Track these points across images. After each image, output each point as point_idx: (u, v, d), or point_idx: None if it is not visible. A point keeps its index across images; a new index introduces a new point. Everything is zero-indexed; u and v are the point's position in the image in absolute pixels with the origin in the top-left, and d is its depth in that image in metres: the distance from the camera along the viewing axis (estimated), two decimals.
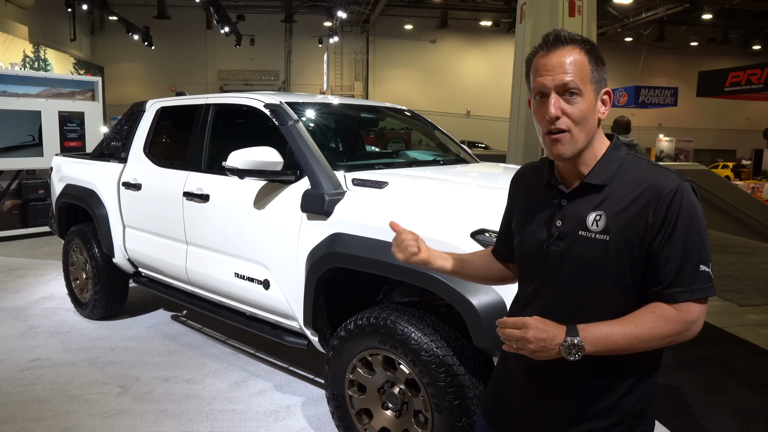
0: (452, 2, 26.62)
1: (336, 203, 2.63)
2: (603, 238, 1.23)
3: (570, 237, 1.27)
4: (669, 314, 1.20)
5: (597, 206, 1.25)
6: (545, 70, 1.24)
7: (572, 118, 1.23)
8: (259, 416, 3.03)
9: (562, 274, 1.29)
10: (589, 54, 1.25)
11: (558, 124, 1.23)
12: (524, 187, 1.46)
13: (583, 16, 8.41)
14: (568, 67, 1.22)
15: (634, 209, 1.22)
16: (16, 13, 17.17)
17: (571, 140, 1.24)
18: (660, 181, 1.22)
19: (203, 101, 3.66)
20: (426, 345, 2.20)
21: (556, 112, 1.22)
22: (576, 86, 1.22)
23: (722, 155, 28.42)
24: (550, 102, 1.23)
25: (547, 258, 1.31)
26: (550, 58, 1.24)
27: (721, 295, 5.18)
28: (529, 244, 1.36)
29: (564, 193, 1.31)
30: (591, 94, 1.24)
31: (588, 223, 1.25)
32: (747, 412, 3.07)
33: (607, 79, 1.30)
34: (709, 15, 24.38)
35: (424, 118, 4.24)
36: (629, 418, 1.29)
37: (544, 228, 1.32)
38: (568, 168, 1.31)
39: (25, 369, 3.59)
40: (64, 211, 4.78)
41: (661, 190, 1.21)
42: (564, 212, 1.29)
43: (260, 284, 3.02)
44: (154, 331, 4.27)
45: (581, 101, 1.23)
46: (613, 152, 1.30)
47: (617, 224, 1.22)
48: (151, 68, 27.09)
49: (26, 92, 7.82)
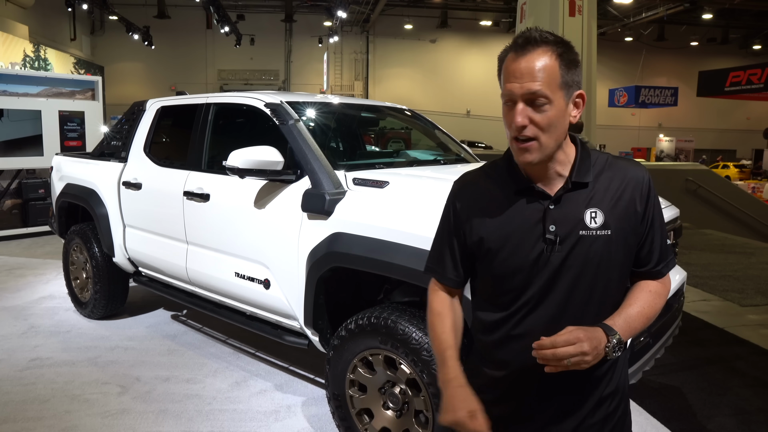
0: (452, 2, 26.63)
1: (337, 203, 2.63)
2: (605, 233, 1.25)
3: (570, 239, 1.25)
4: (659, 289, 1.34)
5: (589, 203, 1.26)
6: (513, 77, 1.20)
7: (539, 126, 1.20)
8: (260, 416, 3.03)
9: (568, 278, 1.26)
10: (561, 57, 1.21)
11: (525, 132, 1.20)
12: (481, 199, 1.34)
13: (584, 15, 8.41)
14: (537, 74, 1.18)
15: (624, 201, 1.28)
16: (17, 12, 17.18)
17: (539, 148, 1.22)
18: (635, 172, 1.31)
19: (203, 101, 3.66)
20: (427, 345, 2.20)
21: (523, 121, 1.20)
22: (544, 94, 1.18)
23: (722, 155, 28.41)
24: (516, 110, 1.20)
25: (548, 265, 1.26)
26: (519, 63, 1.20)
27: (721, 295, 5.18)
28: (521, 257, 1.27)
29: (549, 197, 1.27)
30: (561, 100, 1.21)
31: (586, 221, 1.25)
32: (748, 413, 3.07)
33: (580, 82, 1.26)
34: (710, 15, 24.39)
35: (425, 118, 4.24)
36: (622, 393, 1.38)
37: (533, 236, 1.26)
38: (543, 170, 1.28)
39: (26, 368, 3.58)
40: (65, 211, 4.77)
41: (641, 180, 1.30)
42: (554, 215, 1.25)
43: (261, 284, 3.02)
44: (155, 330, 4.27)
45: (549, 108, 1.20)
46: (583, 150, 1.32)
47: (614, 217, 1.26)
48: (151, 68, 27.10)
49: (26, 92, 7.81)
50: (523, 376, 1.32)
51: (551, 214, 1.26)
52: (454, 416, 1.30)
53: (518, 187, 1.30)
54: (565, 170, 1.28)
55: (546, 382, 1.29)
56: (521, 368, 1.31)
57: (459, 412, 1.29)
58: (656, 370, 3.44)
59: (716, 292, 5.26)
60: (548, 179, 1.28)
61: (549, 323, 1.27)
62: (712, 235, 8.49)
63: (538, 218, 1.27)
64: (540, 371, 1.22)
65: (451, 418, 1.30)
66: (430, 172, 3.13)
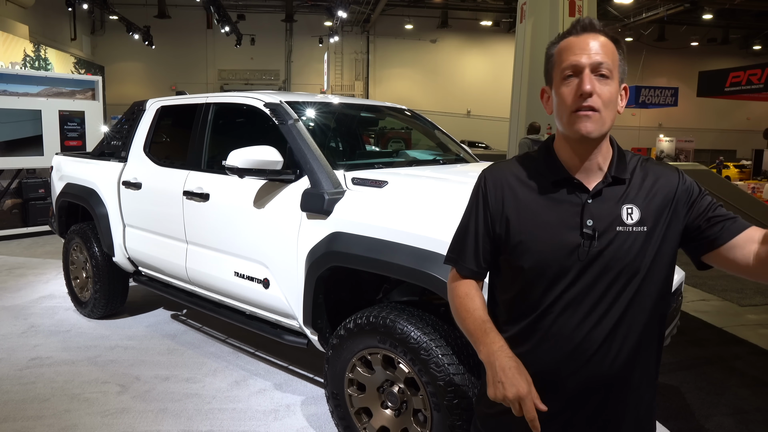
0: (452, 2, 26.62)
1: (336, 202, 2.63)
2: (641, 229, 1.25)
3: (608, 234, 1.24)
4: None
5: (623, 199, 1.27)
6: (579, 48, 1.23)
7: (603, 99, 1.21)
8: (259, 415, 3.03)
9: (603, 274, 1.24)
10: (617, 44, 1.27)
11: (590, 102, 1.20)
12: (514, 189, 1.32)
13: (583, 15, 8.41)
14: (602, 49, 1.23)
15: (658, 199, 1.28)
16: (17, 12, 17.18)
17: (600, 120, 1.22)
18: (664, 170, 1.33)
19: (203, 100, 3.66)
20: (425, 344, 2.20)
21: (592, 88, 1.20)
22: (609, 68, 1.22)
23: (722, 155, 28.39)
24: (584, 78, 1.21)
25: (583, 261, 1.24)
26: (585, 39, 1.24)
27: (721, 295, 5.19)
28: (554, 250, 1.25)
29: (588, 190, 1.27)
30: (617, 82, 1.25)
31: (623, 217, 1.25)
32: (746, 412, 3.07)
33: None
34: (710, 15, 24.38)
35: (424, 118, 4.24)
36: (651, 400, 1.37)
37: (569, 230, 1.25)
38: (586, 161, 1.27)
39: (25, 367, 3.59)
40: (65, 210, 4.78)
41: (670, 176, 1.32)
42: (591, 210, 1.25)
43: (260, 283, 3.02)
44: (154, 330, 4.28)
45: (612, 84, 1.23)
46: (620, 149, 1.33)
47: (650, 214, 1.26)
48: (151, 67, 27.10)
49: (26, 91, 7.81)
50: (549, 377, 1.27)
51: (589, 208, 1.26)
52: (515, 390, 1.16)
53: (556, 177, 1.29)
54: (605, 164, 1.29)
55: (575, 383, 1.27)
56: (548, 369, 1.27)
57: (519, 385, 1.17)
58: None
59: (715, 292, 5.27)
60: (588, 172, 1.28)
61: (582, 321, 1.25)
62: None
63: (575, 212, 1.26)
64: (571, 372, 1.24)
65: (513, 392, 1.16)
66: (429, 172, 3.14)
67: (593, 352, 1.25)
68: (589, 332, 1.25)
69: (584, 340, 1.25)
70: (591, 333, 1.25)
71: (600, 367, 1.26)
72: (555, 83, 1.27)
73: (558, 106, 1.26)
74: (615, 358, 1.26)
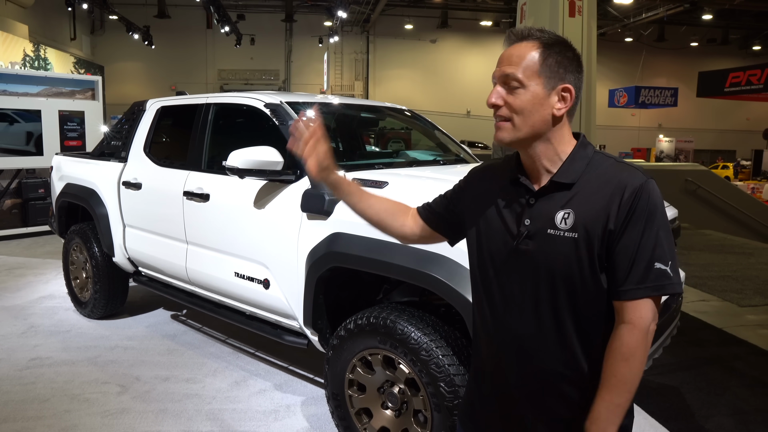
0: (452, 2, 26.63)
1: (336, 203, 2.63)
2: (572, 235, 1.23)
3: (539, 236, 1.26)
4: (629, 340, 1.19)
5: (565, 204, 1.25)
6: (499, 60, 1.30)
7: (512, 108, 1.26)
8: (259, 415, 3.04)
9: (535, 275, 1.27)
10: (545, 48, 1.25)
11: (498, 112, 1.29)
12: (486, 182, 1.43)
13: (583, 16, 8.41)
14: (514, 60, 1.26)
15: (599, 205, 1.22)
16: (17, 12, 17.18)
17: (512, 128, 1.27)
18: (624, 177, 1.22)
19: (204, 101, 3.66)
20: (426, 344, 2.21)
21: (495, 100, 1.28)
22: (516, 78, 1.25)
23: (722, 156, 28.42)
24: (492, 92, 1.30)
25: (517, 258, 1.29)
26: (506, 51, 1.30)
27: (720, 296, 5.19)
28: (497, 243, 1.33)
29: (532, 191, 1.30)
30: (538, 87, 1.24)
31: (557, 221, 1.25)
32: (746, 413, 3.07)
33: (572, 78, 1.26)
34: (710, 15, 24.40)
35: (424, 118, 4.24)
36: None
37: (511, 226, 1.31)
38: (530, 163, 1.31)
39: (25, 368, 3.59)
40: (64, 210, 4.78)
41: (624, 186, 1.21)
42: (532, 210, 1.28)
43: (260, 284, 3.02)
44: (154, 330, 4.28)
45: (523, 93, 1.25)
46: (580, 150, 1.29)
47: (584, 221, 1.22)
48: (151, 67, 27.10)
49: (26, 91, 7.81)
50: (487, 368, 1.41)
51: (531, 208, 1.29)
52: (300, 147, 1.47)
53: (511, 177, 1.35)
54: (554, 167, 1.29)
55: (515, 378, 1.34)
56: (487, 360, 1.40)
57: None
58: (655, 370, 3.45)
59: (715, 293, 5.27)
60: (537, 174, 1.31)
61: (509, 320, 1.32)
62: (711, 236, 8.50)
63: (520, 211, 1.31)
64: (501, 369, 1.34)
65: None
66: (429, 172, 3.14)
67: (527, 349, 1.30)
68: (523, 329, 1.30)
69: (518, 337, 1.31)
70: (524, 330, 1.30)
71: (533, 365, 1.30)
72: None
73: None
74: (549, 357, 1.28)
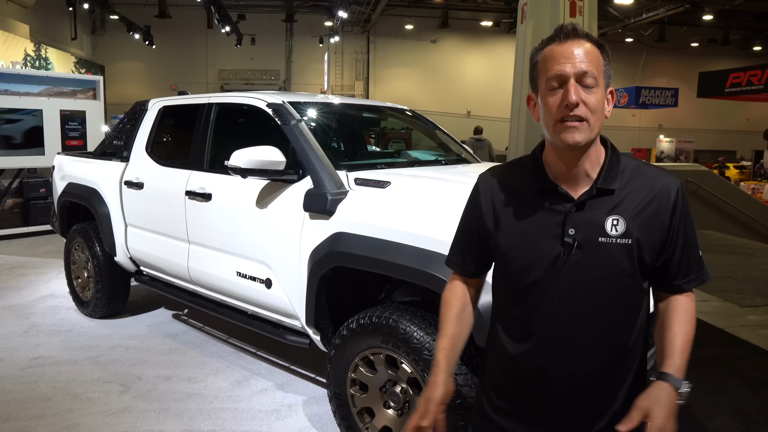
0: (453, 2, 26.60)
1: (338, 203, 2.64)
2: (625, 242, 1.23)
3: (589, 244, 1.23)
4: (690, 306, 1.32)
5: (611, 210, 1.24)
6: (563, 57, 1.21)
7: (590, 107, 1.20)
8: (261, 415, 3.04)
9: (585, 284, 1.25)
10: (601, 48, 1.25)
11: (577, 111, 1.19)
12: (504, 196, 1.35)
13: (584, 16, 8.42)
14: (587, 56, 1.21)
15: (650, 210, 1.25)
16: (18, 11, 17.17)
17: (588, 129, 1.21)
18: (665, 182, 1.28)
19: (205, 100, 3.67)
20: (428, 344, 2.21)
21: (578, 98, 1.19)
22: (594, 75, 1.20)
23: (722, 156, 28.40)
24: (570, 88, 1.19)
25: (563, 269, 1.25)
26: (568, 47, 1.22)
27: (721, 296, 5.19)
28: (536, 257, 1.27)
29: (572, 199, 1.25)
30: (603, 88, 1.23)
31: (607, 228, 1.23)
32: (747, 413, 3.08)
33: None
34: (710, 16, 24.38)
35: (426, 118, 4.25)
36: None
37: (551, 237, 1.25)
38: (571, 168, 1.26)
39: (27, 367, 3.59)
40: (66, 210, 4.78)
41: (669, 190, 1.27)
42: (574, 219, 1.24)
43: (262, 283, 3.03)
44: (156, 329, 4.28)
45: (598, 91, 1.21)
46: (614, 156, 1.29)
47: (637, 226, 1.23)
48: (151, 67, 27.08)
49: (28, 91, 7.82)
50: (528, 375, 1.33)
51: (572, 217, 1.25)
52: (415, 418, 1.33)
53: (541, 187, 1.29)
54: (594, 171, 1.26)
55: (554, 385, 1.31)
56: (530, 368, 1.32)
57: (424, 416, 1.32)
58: (655, 370, 3.45)
59: (716, 293, 5.27)
60: (575, 179, 1.27)
61: (559, 328, 1.28)
62: (711, 236, 8.49)
63: (558, 221, 1.25)
64: (545, 375, 1.28)
65: (414, 420, 1.33)
66: (431, 172, 3.14)
67: (580, 351, 1.29)
68: (579, 335, 1.29)
69: (572, 345, 1.29)
70: (580, 334, 1.29)
71: (587, 366, 1.30)
72: (541, 91, 1.25)
73: (544, 114, 1.25)
74: (602, 357, 1.30)
